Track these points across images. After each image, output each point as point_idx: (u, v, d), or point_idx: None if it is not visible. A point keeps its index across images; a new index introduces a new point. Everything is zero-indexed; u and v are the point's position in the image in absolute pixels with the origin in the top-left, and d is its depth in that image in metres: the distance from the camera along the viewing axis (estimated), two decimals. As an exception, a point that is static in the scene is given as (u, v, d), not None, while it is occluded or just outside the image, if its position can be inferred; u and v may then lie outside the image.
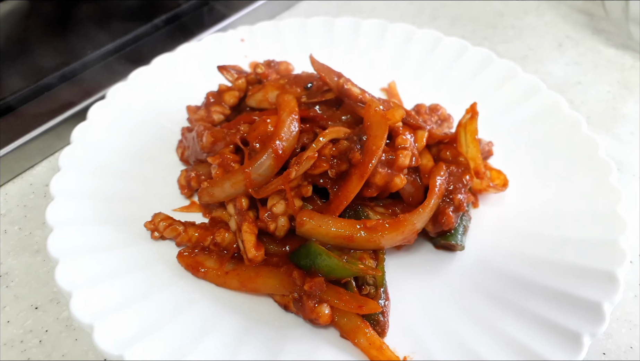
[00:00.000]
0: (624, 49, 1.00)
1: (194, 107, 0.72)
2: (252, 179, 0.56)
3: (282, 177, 0.55)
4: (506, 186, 0.65)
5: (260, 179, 0.56)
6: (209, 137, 0.63)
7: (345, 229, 0.54)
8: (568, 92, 0.90)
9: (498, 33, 1.05)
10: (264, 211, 0.57)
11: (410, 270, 0.58)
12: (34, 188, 0.70)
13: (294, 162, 0.55)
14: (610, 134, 0.82)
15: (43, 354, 0.53)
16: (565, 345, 0.48)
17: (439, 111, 0.74)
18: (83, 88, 0.80)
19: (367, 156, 0.55)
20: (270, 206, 0.57)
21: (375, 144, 0.55)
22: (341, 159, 0.56)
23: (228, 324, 0.52)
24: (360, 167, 0.55)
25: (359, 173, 0.55)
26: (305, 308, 0.51)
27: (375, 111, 0.56)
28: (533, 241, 0.60)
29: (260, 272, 0.55)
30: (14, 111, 0.75)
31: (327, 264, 0.52)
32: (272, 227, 0.56)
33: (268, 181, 0.57)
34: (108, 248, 0.56)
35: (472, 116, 0.64)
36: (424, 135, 0.60)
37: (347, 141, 0.56)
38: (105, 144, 0.67)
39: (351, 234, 0.54)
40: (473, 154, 0.63)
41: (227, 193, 0.58)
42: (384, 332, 0.52)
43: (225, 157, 0.60)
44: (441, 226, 0.57)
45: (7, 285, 0.59)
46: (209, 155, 0.63)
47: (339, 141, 0.57)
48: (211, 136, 0.63)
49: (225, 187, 0.58)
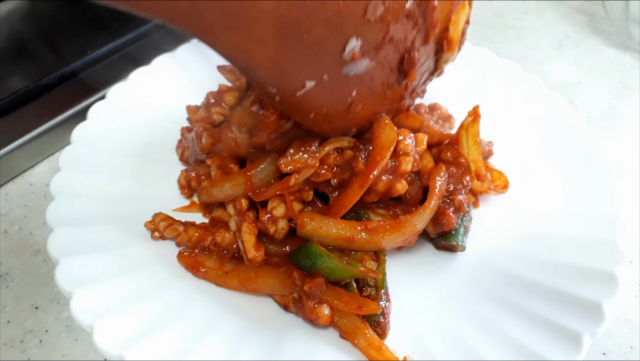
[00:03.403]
0: (624, 49, 1.00)
1: (194, 108, 0.72)
2: (253, 182, 0.56)
3: (281, 183, 0.55)
4: (507, 188, 0.65)
5: (261, 183, 0.56)
6: (208, 139, 0.63)
7: (346, 230, 0.54)
8: (568, 92, 0.90)
9: (498, 33, 1.05)
10: (264, 213, 0.57)
11: (411, 271, 0.58)
12: (34, 188, 0.70)
13: (295, 169, 0.55)
14: (610, 134, 0.82)
15: (43, 354, 0.53)
16: (565, 345, 0.48)
17: (438, 110, 0.74)
18: (83, 88, 0.80)
19: (369, 166, 0.54)
20: (271, 208, 0.56)
21: (380, 154, 0.54)
22: (344, 168, 0.56)
23: (228, 324, 0.52)
24: (362, 176, 0.55)
25: (360, 182, 0.55)
26: (305, 309, 0.51)
27: (385, 123, 0.56)
28: (533, 241, 0.60)
29: (260, 272, 0.55)
30: (14, 111, 0.75)
31: (328, 265, 0.52)
32: (272, 230, 0.56)
33: (268, 185, 0.56)
34: (108, 248, 0.56)
35: (474, 118, 0.63)
36: (424, 138, 0.60)
37: (352, 150, 0.56)
38: (105, 144, 0.66)
39: (352, 236, 0.54)
40: (474, 157, 0.63)
41: (227, 193, 0.58)
42: (385, 333, 0.52)
43: (224, 159, 0.60)
44: (442, 226, 0.57)
45: (7, 285, 0.59)
46: (208, 156, 0.63)
47: (344, 151, 0.56)
48: (210, 137, 0.63)
49: (224, 188, 0.58)
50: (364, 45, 0.46)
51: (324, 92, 0.48)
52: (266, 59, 0.42)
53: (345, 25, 0.43)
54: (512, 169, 0.67)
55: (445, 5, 0.52)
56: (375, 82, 0.51)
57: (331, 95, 0.49)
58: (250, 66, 0.43)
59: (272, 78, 0.45)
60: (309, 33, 0.42)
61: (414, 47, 0.51)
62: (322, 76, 0.46)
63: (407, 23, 0.48)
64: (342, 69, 0.47)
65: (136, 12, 0.35)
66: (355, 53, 0.46)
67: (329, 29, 0.43)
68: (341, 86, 0.48)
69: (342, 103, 0.50)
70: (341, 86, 0.48)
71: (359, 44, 0.45)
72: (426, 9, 0.49)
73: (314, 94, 0.47)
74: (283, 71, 0.44)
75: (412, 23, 0.49)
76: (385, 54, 0.49)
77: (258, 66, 0.43)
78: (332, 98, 0.49)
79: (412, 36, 0.50)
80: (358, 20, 0.44)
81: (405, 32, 0.49)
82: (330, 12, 0.41)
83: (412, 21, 0.49)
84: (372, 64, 0.48)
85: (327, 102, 0.50)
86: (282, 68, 0.44)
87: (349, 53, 0.45)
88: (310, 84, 0.46)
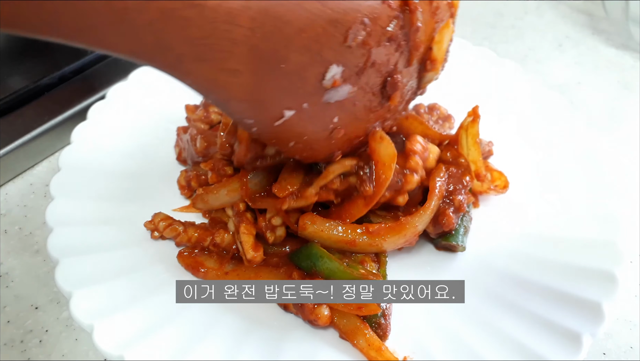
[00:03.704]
0: (624, 49, 1.00)
1: (193, 107, 0.72)
2: (249, 187, 0.56)
3: (275, 202, 0.54)
4: (507, 188, 0.65)
5: (257, 188, 0.56)
6: (202, 143, 0.63)
7: (347, 234, 0.54)
8: (568, 92, 0.90)
9: (498, 33, 1.05)
10: (262, 219, 0.57)
11: (412, 271, 0.58)
12: (34, 188, 0.70)
13: (292, 192, 0.54)
14: (610, 134, 0.82)
15: (43, 354, 0.53)
16: (565, 345, 0.48)
17: (437, 110, 0.74)
18: (83, 88, 0.80)
19: (378, 188, 0.54)
20: (269, 218, 0.56)
21: (384, 172, 0.54)
22: (348, 191, 0.56)
23: (228, 324, 0.52)
24: (369, 197, 0.54)
25: (365, 202, 0.54)
26: (304, 309, 0.51)
27: (381, 137, 0.54)
28: (533, 241, 0.60)
29: (260, 273, 0.55)
30: (14, 111, 0.75)
31: (328, 267, 0.52)
32: (271, 239, 0.56)
33: (264, 189, 0.56)
34: (108, 248, 0.56)
35: (473, 119, 0.63)
36: (436, 156, 0.58)
37: (356, 176, 0.55)
38: (105, 144, 0.67)
39: (353, 239, 0.54)
40: (474, 157, 0.63)
41: (223, 201, 0.58)
42: (386, 335, 0.52)
43: (217, 162, 0.60)
44: (442, 227, 0.57)
45: (7, 285, 0.59)
46: (203, 160, 0.63)
47: (347, 178, 0.55)
48: (204, 141, 0.63)
49: (220, 194, 0.57)
50: (345, 71, 0.44)
51: (304, 121, 0.46)
52: (241, 91, 0.40)
53: (325, 52, 0.41)
54: (512, 169, 0.67)
55: (429, 24, 0.50)
56: (357, 107, 0.49)
57: (312, 123, 0.47)
58: (224, 98, 0.41)
59: (248, 110, 0.43)
60: (286, 62, 0.40)
61: (396, 69, 0.49)
62: (301, 105, 0.44)
63: (389, 46, 0.46)
64: (323, 97, 0.45)
65: (97, 49, 0.33)
66: (336, 80, 0.44)
67: (308, 57, 0.41)
68: (322, 113, 0.46)
69: (323, 130, 0.49)
70: (322, 114, 0.47)
71: (339, 71, 0.44)
72: (409, 31, 0.48)
73: (293, 123, 0.45)
74: (260, 102, 0.43)
75: (394, 46, 0.47)
76: (367, 78, 0.47)
77: (233, 97, 0.41)
78: (312, 126, 0.47)
79: (395, 59, 0.48)
80: (338, 46, 0.42)
81: (388, 56, 0.47)
82: (308, 39, 0.39)
83: (395, 44, 0.47)
84: (353, 90, 0.46)
85: (307, 130, 0.48)
86: (259, 99, 0.42)
87: (329, 80, 0.43)
88: (289, 113, 0.44)
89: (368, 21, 0.43)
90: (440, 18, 0.51)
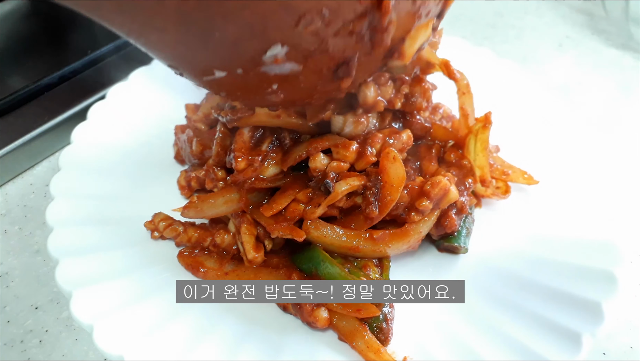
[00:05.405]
0: (624, 49, 1.00)
1: (193, 106, 0.72)
2: (248, 198, 0.55)
3: (271, 223, 0.54)
4: (508, 193, 0.65)
5: (256, 198, 0.56)
6: (198, 146, 0.63)
7: (351, 240, 0.54)
8: (568, 92, 0.90)
9: (498, 33, 1.05)
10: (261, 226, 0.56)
11: (413, 272, 0.58)
12: (34, 188, 0.70)
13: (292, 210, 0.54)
14: (610, 134, 0.82)
15: (43, 354, 0.53)
16: (565, 345, 0.48)
17: (440, 109, 0.74)
18: (83, 88, 0.80)
19: (381, 209, 0.53)
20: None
21: (391, 193, 0.53)
22: (352, 208, 0.55)
23: (227, 325, 0.52)
24: (373, 217, 0.54)
25: (369, 222, 0.54)
26: (303, 311, 0.51)
27: (394, 159, 0.53)
28: (534, 241, 0.60)
29: (260, 273, 0.55)
30: (14, 111, 0.75)
31: (329, 271, 0.52)
32: (269, 247, 0.56)
33: (264, 199, 0.56)
34: (108, 248, 0.56)
35: (484, 125, 0.62)
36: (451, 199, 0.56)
37: (362, 197, 0.54)
38: (105, 144, 0.67)
39: (357, 245, 0.54)
40: (481, 163, 0.62)
41: (219, 210, 0.56)
42: (388, 340, 0.51)
43: (210, 169, 0.60)
44: (444, 228, 0.57)
45: (7, 285, 0.59)
46: (199, 162, 0.63)
47: (353, 197, 0.55)
48: (200, 145, 0.63)
49: (217, 203, 0.56)
50: (291, 52, 0.42)
51: (236, 81, 0.44)
52: (167, 47, 0.41)
53: (270, 31, 0.40)
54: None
55: (406, 22, 0.46)
56: (301, 80, 0.46)
57: (245, 84, 0.45)
58: (149, 48, 0.42)
59: (175, 64, 0.44)
60: (222, 31, 0.38)
61: (354, 58, 0.45)
62: (235, 70, 0.43)
63: (350, 39, 0.43)
64: (261, 68, 0.43)
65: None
66: (278, 58, 0.42)
67: (248, 32, 0.39)
68: (258, 79, 0.44)
69: (259, 92, 0.46)
70: (258, 79, 0.44)
71: (283, 51, 0.41)
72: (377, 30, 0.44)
73: (224, 81, 0.44)
74: (187, 60, 0.43)
75: (356, 39, 0.43)
76: (316, 62, 0.44)
77: (159, 50, 0.42)
78: (246, 86, 0.46)
79: (354, 50, 0.45)
80: (288, 29, 0.40)
81: (346, 46, 0.44)
82: (253, 17, 0.38)
83: (357, 37, 0.43)
84: (299, 68, 0.44)
85: (240, 88, 0.46)
86: (186, 58, 0.42)
87: (270, 57, 0.41)
88: (220, 74, 0.43)
89: (327, 13, 0.40)
90: (425, 14, 0.48)
